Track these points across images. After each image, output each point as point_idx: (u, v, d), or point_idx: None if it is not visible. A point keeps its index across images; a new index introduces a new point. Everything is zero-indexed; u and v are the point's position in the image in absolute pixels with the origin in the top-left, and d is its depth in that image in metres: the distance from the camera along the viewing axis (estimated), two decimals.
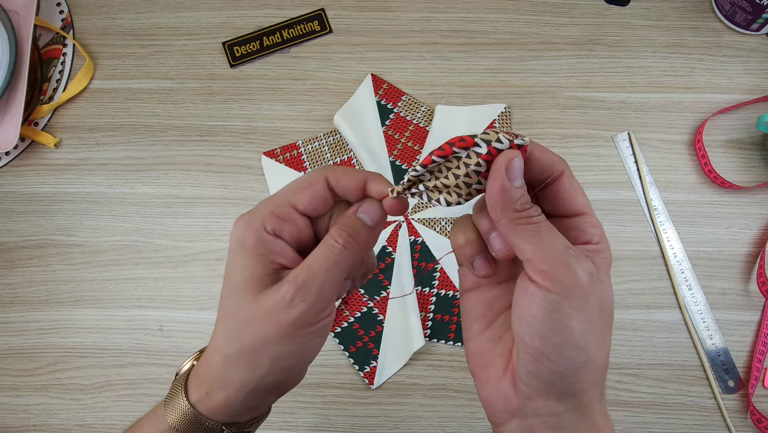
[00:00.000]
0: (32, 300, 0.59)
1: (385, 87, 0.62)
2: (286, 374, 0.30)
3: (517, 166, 0.26)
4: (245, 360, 0.29)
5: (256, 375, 0.29)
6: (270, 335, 0.28)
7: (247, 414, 0.31)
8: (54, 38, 0.65)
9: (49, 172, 0.62)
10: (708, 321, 0.56)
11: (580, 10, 0.64)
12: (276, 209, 0.29)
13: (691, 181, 0.59)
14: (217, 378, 0.30)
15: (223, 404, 0.30)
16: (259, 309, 0.28)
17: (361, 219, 0.29)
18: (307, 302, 0.27)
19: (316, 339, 0.29)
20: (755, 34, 0.62)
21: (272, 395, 0.31)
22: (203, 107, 0.62)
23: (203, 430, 0.30)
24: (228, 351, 0.29)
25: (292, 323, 0.28)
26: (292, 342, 0.28)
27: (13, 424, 0.56)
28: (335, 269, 0.28)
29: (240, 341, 0.29)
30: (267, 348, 0.28)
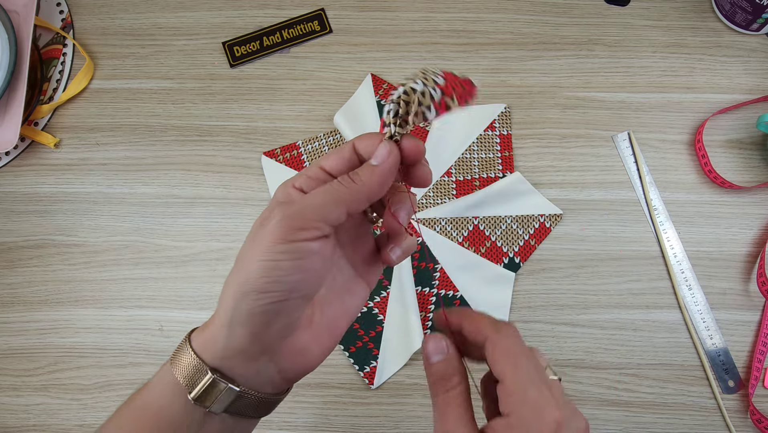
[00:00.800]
0: (32, 300, 0.59)
1: (385, 87, 0.62)
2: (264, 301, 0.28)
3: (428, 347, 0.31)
4: (231, 283, 0.29)
5: (235, 296, 0.29)
6: (250, 251, 0.29)
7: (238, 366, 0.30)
8: (54, 38, 0.65)
9: (49, 172, 0.62)
10: (708, 321, 0.56)
11: (580, 10, 0.64)
12: (307, 171, 0.31)
13: (691, 181, 0.59)
14: (214, 315, 0.31)
15: (210, 337, 0.30)
16: (253, 230, 0.30)
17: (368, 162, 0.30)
18: (283, 214, 0.28)
19: (289, 262, 0.28)
20: (755, 34, 0.62)
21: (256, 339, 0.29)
22: (203, 107, 0.62)
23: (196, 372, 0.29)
24: (226, 280, 0.30)
25: (266, 234, 0.28)
26: (265, 256, 0.28)
27: (13, 424, 0.56)
28: (323, 195, 0.29)
29: (234, 266, 0.30)
30: (245, 265, 0.29)
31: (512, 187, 0.59)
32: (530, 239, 0.58)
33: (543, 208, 0.59)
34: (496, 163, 0.60)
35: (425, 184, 0.32)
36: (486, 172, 0.60)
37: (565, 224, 0.59)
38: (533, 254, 0.58)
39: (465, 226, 0.59)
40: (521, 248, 0.58)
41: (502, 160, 0.60)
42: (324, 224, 0.29)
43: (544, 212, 0.59)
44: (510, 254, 0.58)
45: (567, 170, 0.60)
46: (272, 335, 0.29)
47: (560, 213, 0.58)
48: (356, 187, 0.29)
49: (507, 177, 0.59)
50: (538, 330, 0.56)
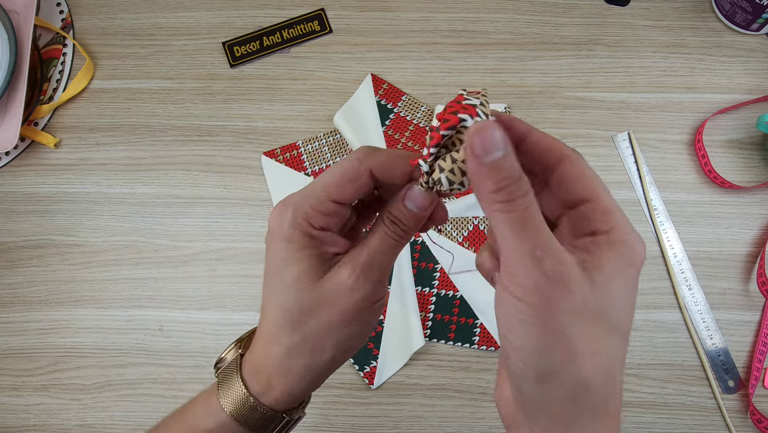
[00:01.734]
0: (32, 300, 0.59)
1: (385, 87, 0.62)
2: (347, 355, 0.31)
3: (488, 137, 0.22)
4: (309, 347, 0.29)
5: (321, 361, 0.29)
6: (335, 319, 0.28)
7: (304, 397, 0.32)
8: (54, 38, 0.65)
9: (49, 172, 0.62)
10: (708, 321, 0.56)
11: (580, 10, 0.64)
12: (320, 206, 0.28)
13: (691, 181, 0.59)
14: (278, 368, 0.30)
15: (287, 392, 0.30)
16: (323, 294, 0.28)
17: (407, 207, 0.28)
18: (371, 282, 0.28)
19: (376, 317, 0.30)
20: (755, 34, 0.62)
21: (330, 374, 0.32)
22: (203, 107, 0.62)
23: (264, 419, 0.30)
24: (291, 341, 0.29)
25: (356, 303, 0.28)
26: (356, 323, 0.29)
27: (13, 424, 0.56)
28: (391, 252, 0.29)
29: (304, 329, 0.29)
30: (332, 333, 0.29)
31: None
32: None
33: None
34: None
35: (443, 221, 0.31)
36: None
37: None
38: None
39: (465, 226, 0.59)
40: None
41: None
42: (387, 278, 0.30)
43: None
44: None
45: None
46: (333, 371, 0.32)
47: None
48: (407, 236, 0.29)
49: None
50: None
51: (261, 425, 0.31)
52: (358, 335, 0.30)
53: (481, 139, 0.22)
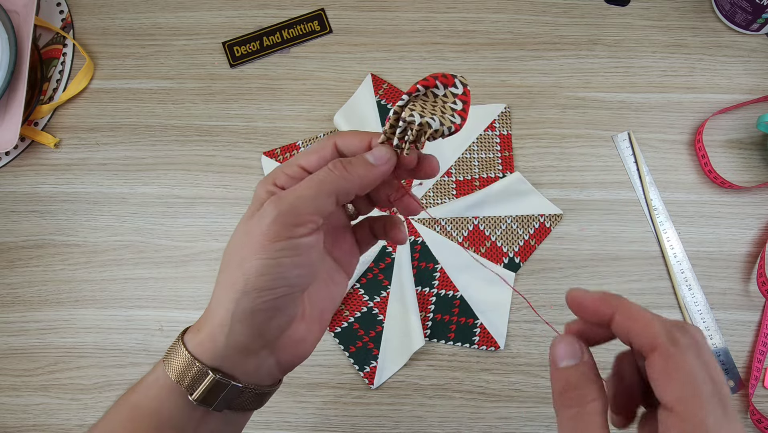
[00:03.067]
0: (32, 300, 0.59)
1: (385, 87, 0.62)
2: (264, 299, 0.28)
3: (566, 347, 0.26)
4: (226, 283, 0.29)
5: (233, 296, 0.28)
6: (245, 249, 0.28)
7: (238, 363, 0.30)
8: (54, 38, 0.65)
9: (49, 172, 0.62)
10: (708, 321, 0.56)
11: (580, 10, 0.64)
12: (286, 168, 0.30)
13: (691, 181, 0.59)
14: (206, 313, 0.30)
15: (209, 338, 0.29)
16: (242, 229, 0.29)
17: (363, 156, 0.30)
18: (278, 210, 0.28)
19: (289, 258, 0.28)
20: (755, 34, 0.62)
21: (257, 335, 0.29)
22: (203, 107, 0.62)
23: (193, 373, 0.29)
24: (217, 285, 0.30)
25: (262, 233, 0.28)
26: (262, 255, 0.28)
27: (13, 424, 0.56)
28: (315, 187, 0.28)
29: (226, 266, 0.29)
30: (243, 264, 0.28)
31: (512, 187, 0.59)
32: (530, 239, 0.58)
33: (543, 208, 0.59)
34: (496, 164, 0.60)
35: (432, 175, 0.32)
36: (486, 172, 0.60)
37: (565, 224, 0.59)
38: (533, 254, 0.58)
39: (465, 226, 0.59)
40: (521, 248, 0.58)
41: (502, 160, 0.60)
42: (318, 216, 0.29)
43: (544, 212, 0.59)
44: (510, 254, 0.58)
45: (567, 170, 0.60)
46: (273, 329, 0.30)
47: (560, 213, 0.58)
48: (349, 178, 0.29)
49: (507, 177, 0.59)
50: (538, 330, 0.56)
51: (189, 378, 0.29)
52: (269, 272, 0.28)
53: (560, 347, 0.26)
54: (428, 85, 0.29)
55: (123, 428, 0.30)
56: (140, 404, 0.30)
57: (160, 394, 0.30)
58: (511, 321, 0.56)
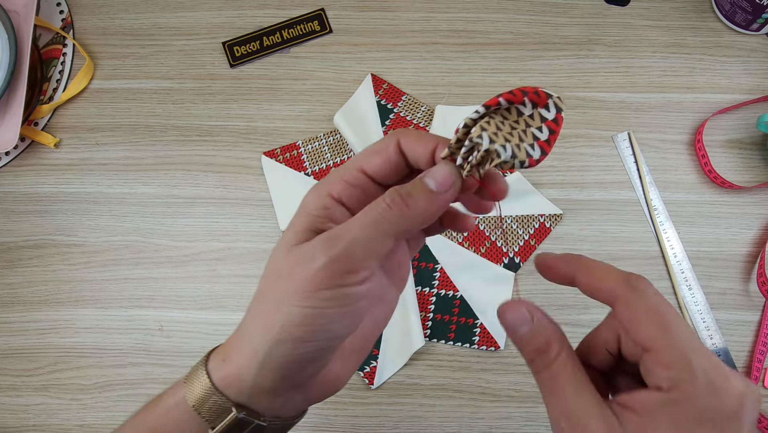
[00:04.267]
0: (32, 300, 0.59)
1: (385, 87, 0.62)
2: (300, 350, 0.25)
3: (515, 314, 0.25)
4: (261, 323, 0.26)
5: (267, 340, 0.25)
6: (287, 291, 0.25)
7: (265, 401, 0.28)
8: (54, 38, 0.65)
9: (49, 172, 0.62)
10: (708, 321, 0.56)
11: (580, 10, 0.64)
12: (345, 174, 0.26)
13: (691, 181, 0.59)
14: (235, 344, 0.27)
15: (235, 374, 0.27)
16: (285, 263, 0.25)
17: (423, 182, 0.25)
18: (329, 256, 0.24)
19: (336, 310, 0.25)
20: (755, 34, 0.62)
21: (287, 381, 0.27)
22: (203, 107, 0.62)
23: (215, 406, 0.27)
24: (250, 312, 0.27)
25: (308, 278, 0.24)
26: (306, 303, 0.24)
27: (13, 424, 0.56)
28: (373, 227, 0.24)
29: (263, 300, 0.26)
30: (281, 307, 0.25)
31: (512, 187, 0.59)
32: (530, 239, 0.58)
33: (543, 208, 0.59)
34: None
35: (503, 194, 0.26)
36: None
37: (565, 224, 0.59)
38: (533, 253, 0.58)
39: None
40: (521, 248, 0.58)
41: None
42: (374, 261, 0.25)
43: (544, 212, 0.59)
44: (510, 254, 0.58)
45: (567, 170, 0.60)
46: (305, 376, 0.27)
47: (560, 213, 0.58)
48: (410, 214, 0.25)
49: (507, 177, 0.59)
50: None
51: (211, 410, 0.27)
52: (310, 323, 0.25)
53: (509, 316, 0.25)
54: (513, 100, 0.24)
55: None
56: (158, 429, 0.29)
57: (180, 421, 0.28)
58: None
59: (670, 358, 0.22)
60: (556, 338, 0.25)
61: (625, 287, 0.24)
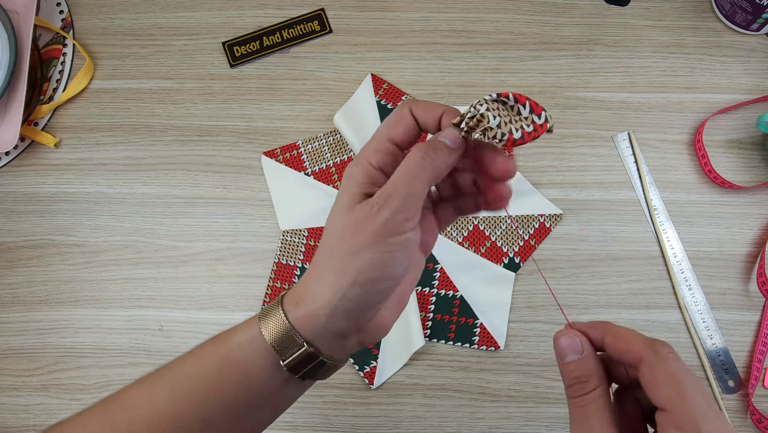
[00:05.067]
0: (32, 300, 0.59)
1: (385, 87, 0.62)
2: (371, 290, 0.30)
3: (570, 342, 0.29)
4: (334, 270, 0.30)
5: (343, 285, 0.30)
6: (357, 243, 0.29)
7: (329, 342, 0.32)
8: (54, 38, 0.65)
9: (49, 172, 0.62)
10: (708, 321, 0.56)
11: (580, 10, 0.64)
12: (377, 146, 0.32)
13: (691, 181, 0.59)
14: (308, 290, 0.31)
15: (310, 314, 0.31)
16: (350, 219, 0.30)
17: (442, 140, 0.31)
18: (390, 209, 0.29)
19: (399, 252, 0.30)
20: (755, 34, 0.62)
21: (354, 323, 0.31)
22: (203, 107, 0.62)
23: (289, 342, 0.31)
24: (320, 263, 0.31)
25: (376, 230, 0.29)
26: (377, 250, 0.29)
27: (13, 424, 0.56)
28: (416, 180, 0.30)
29: (332, 252, 0.31)
30: (354, 256, 0.30)
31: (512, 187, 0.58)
32: (530, 239, 0.58)
33: (543, 208, 0.59)
34: None
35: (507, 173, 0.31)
36: None
37: (565, 224, 0.59)
38: (533, 253, 0.58)
39: (465, 226, 0.59)
40: (521, 248, 0.58)
41: None
42: (421, 206, 0.30)
43: (544, 212, 0.59)
44: (510, 254, 0.58)
45: (567, 170, 0.60)
46: (368, 317, 0.32)
47: (560, 213, 0.58)
48: (437, 163, 0.30)
49: None
50: (538, 330, 0.56)
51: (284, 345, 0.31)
52: (381, 265, 0.30)
53: (564, 342, 0.29)
54: (519, 99, 0.30)
55: (211, 376, 0.32)
56: (231, 358, 0.32)
57: (254, 354, 0.32)
58: (511, 321, 0.57)
59: (682, 421, 0.25)
60: (597, 374, 0.29)
61: (650, 351, 0.27)
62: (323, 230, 0.51)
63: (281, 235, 0.59)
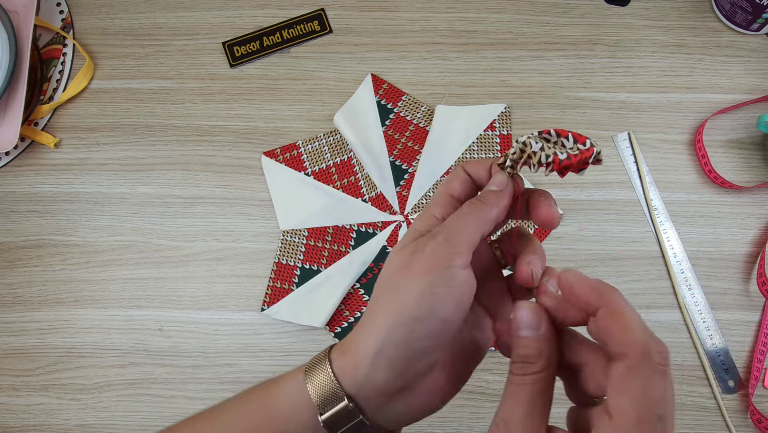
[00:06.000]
0: (32, 300, 0.59)
1: (385, 87, 0.62)
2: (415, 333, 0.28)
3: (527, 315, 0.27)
4: (379, 310, 0.29)
5: (386, 326, 0.28)
6: (402, 278, 0.29)
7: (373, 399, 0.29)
8: (54, 38, 0.65)
9: (49, 172, 0.62)
10: (708, 321, 0.56)
11: (580, 10, 0.64)
12: (437, 199, 0.32)
13: (691, 181, 0.59)
14: (355, 337, 0.30)
15: (352, 363, 0.29)
16: (399, 259, 0.30)
17: (488, 188, 0.31)
18: (436, 241, 0.29)
19: (445, 289, 0.28)
20: (755, 34, 0.62)
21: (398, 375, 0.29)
22: (203, 107, 0.62)
23: (331, 395, 0.29)
24: (369, 307, 0.30)
25: (422, 262, 0.28)
26: (421, 284, 0.28)
27: (13, 424, 0.56)
28: (465, 216, 0.30)
29: (379, 294, 0.30)
30: (397, 292, 0.28)
31: None
32: None
33: None
34: None
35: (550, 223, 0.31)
36: None
37: (565, 224, 0.59)
38: None
39: None
40: None
41: None
42: (470, 246, 0.29)
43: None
44: None
45: None
46: (415, 371, 0.29)
47: (560, 213, 0.58)
48: (486, 209, 0.30)
49: None
50: None
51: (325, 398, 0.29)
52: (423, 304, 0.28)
53: (521, 314, 0.27)
54: (561, 133, 0.30)
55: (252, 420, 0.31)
56: (273, 407, 0.31)
57: (294, 405, 0.30)
58: None
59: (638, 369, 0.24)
60: (545, 357, 0.27)
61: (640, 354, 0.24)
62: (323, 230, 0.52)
63: (281, 235, 0.59)
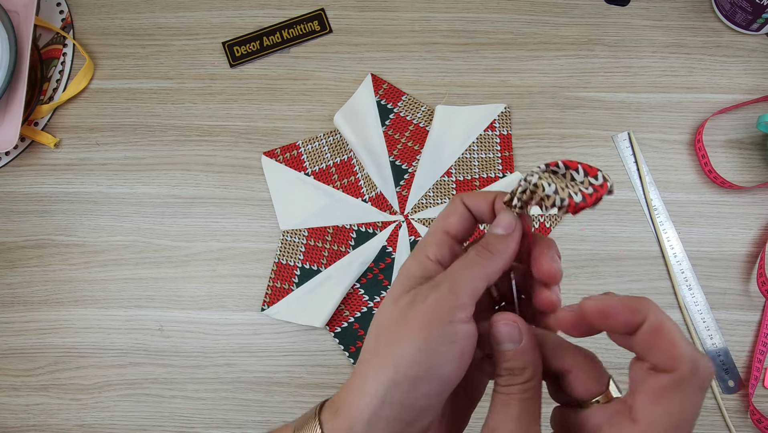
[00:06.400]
0: (32, 300, 0.59)
1: (385, 87, 0.62)
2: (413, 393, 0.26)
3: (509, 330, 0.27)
4: (373, 367, 0.27)
5: (381, 385, 0.26)
6: (399, 332, 0.27)
7: None
8: (54, 38, 0.65)
9: (49, 172, 0.62)
10: (708, 321, 0.56)
11: (580, 10, 0.64)
12: (432, 238, 0.30)
13: (691, 181, 0.59)
14: (347, 395, 0.28)
15: (345, 426, 0.27)
16: (395, 310, 0.28)
17: (493, 231, 0.29)
18: (438, 292, 0.27)
19: (447, 347, 0.26)
20: (755, 34, 0.62)
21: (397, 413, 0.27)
22: (203, 107, 0.62)
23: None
24: (361, 362, 0.28)
25: (421, 316, 0.26)
26: (420, 340, 0.26)
27: (13, 424, 0.56)
28: (468, 270, 0.28)
29: (373, 348, 0.28)
30: (394, 348, 0.26)
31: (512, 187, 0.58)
32: None
33: None
34: (496, 164, 0.60)
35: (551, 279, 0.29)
36: (486, 173, 0.60)
37: (565, 224, 0.59)
38: None
39: None
40: None
41: (502, 161, 0.60)
42: (474, 299, 0.27)
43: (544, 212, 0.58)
44: None
45: None
46: (414, 430, 0.27)
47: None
48: (494, 258, 0.28)
49: (507, 177, 0.59)
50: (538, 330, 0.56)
51: None
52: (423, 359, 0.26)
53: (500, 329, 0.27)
54: (570, 165, 0.28)
55: None
56: None
57: None
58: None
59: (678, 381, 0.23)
60: (531, 367, 0.27)
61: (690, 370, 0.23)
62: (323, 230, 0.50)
63: (281, 235, 0.59)
